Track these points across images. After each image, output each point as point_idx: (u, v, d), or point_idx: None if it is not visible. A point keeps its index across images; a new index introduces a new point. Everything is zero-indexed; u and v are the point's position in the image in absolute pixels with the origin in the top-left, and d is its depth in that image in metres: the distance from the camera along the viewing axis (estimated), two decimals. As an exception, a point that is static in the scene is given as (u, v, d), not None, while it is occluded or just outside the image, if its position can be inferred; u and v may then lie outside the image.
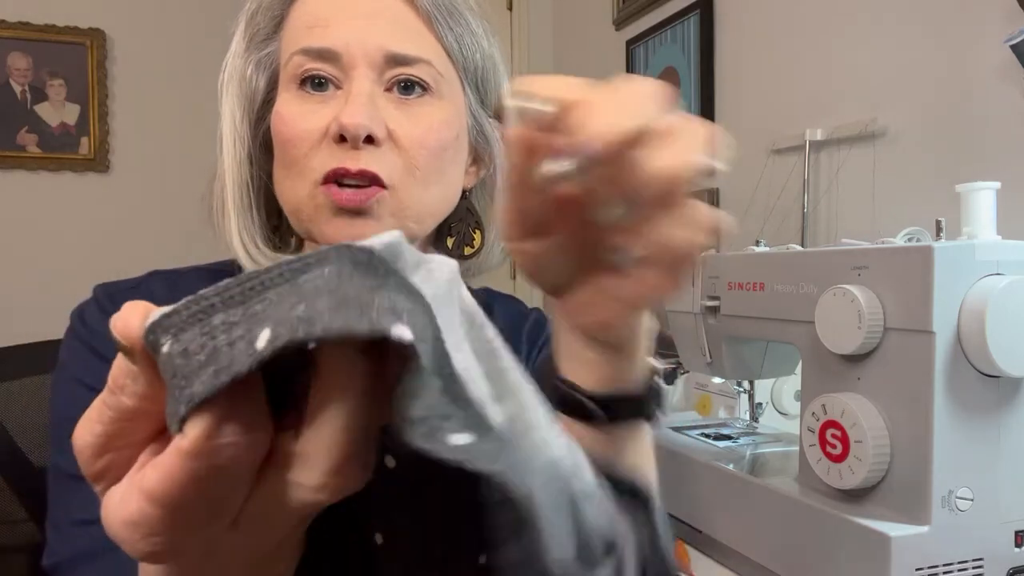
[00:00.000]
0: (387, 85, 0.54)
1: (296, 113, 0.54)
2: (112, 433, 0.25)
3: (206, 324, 0.22)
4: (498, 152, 0.63)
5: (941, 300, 0.62)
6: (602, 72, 1.15)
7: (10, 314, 2.41)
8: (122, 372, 0.24)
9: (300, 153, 0.53)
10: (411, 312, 0.22)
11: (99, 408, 0.25)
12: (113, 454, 0.25)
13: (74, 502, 0.51)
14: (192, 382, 0.22)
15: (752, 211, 1.51)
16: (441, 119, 0.56)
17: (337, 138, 0.52)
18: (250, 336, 0.21)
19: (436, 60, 0.55)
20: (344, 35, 0.53)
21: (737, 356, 0.91)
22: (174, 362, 0.22)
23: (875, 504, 0.67)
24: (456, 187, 0.60)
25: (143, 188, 2.67)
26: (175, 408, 0.22)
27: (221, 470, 0.23)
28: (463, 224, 0.64)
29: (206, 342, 0.22)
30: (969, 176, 0.75)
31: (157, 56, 2.68)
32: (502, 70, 0.63)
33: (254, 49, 0.58)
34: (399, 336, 0.21)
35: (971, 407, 0.64)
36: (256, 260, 0.58)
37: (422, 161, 0.54)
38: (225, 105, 0.59)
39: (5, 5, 2.50)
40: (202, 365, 0.22)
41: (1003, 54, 1.02)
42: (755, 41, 1.53)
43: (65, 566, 0.50)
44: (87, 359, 0.54)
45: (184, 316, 0.22)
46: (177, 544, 0.24)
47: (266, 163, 0.60)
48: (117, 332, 0.23)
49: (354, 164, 0.52)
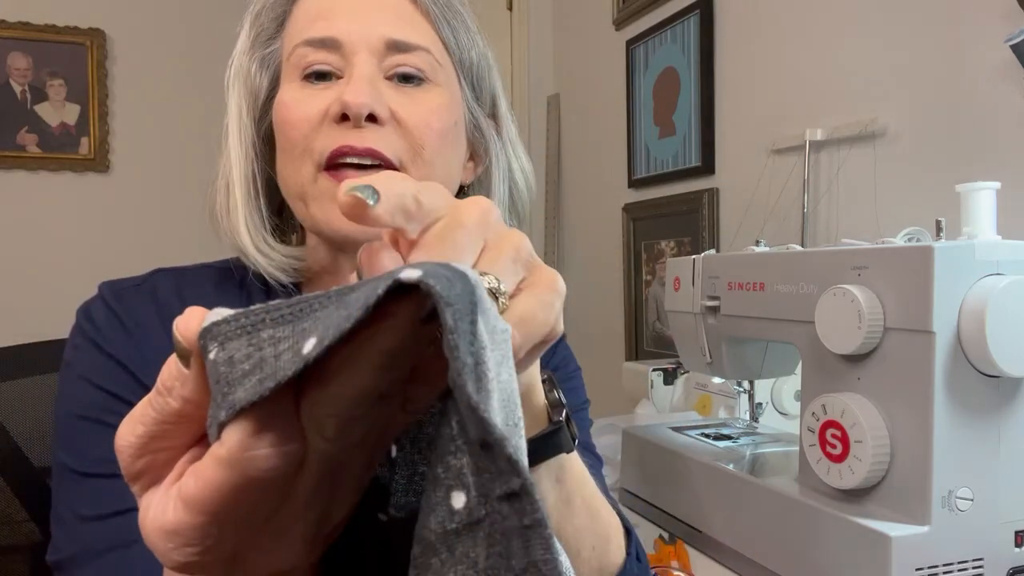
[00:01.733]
0: (387, 74, 0.55)
1: (298, 98, 0.55)
2: (154, 435, 0.25)
3: (254, 336, 0.23)
4: (494, 148, 0.63)
5: (941, 300, 0.62)
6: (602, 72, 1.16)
7: (10, 314, 2.41)
8: (171, 375, 0.24)
9: (301, 135, 0.54)
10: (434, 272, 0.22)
11: (143, 409, 0.25)
12: (152, 456, 0.25)
13: (80, 498, 0.51)
14: (235, 389, 0.22)
15: (752, 211, 1.51)
16: (441, 103, 0.56)
17: (339, 117, 0.52)
18: (296, 347, 0.22)
19: (434, 49, 0.56)
20: (345, 25, 0.54)
21: (737, 356, 0.91)
22: (219, 369, 0.22)
23: (875, 504, 0.67)
24: (456, 178, 0.60)
25: (143, 188, 2.67)
26: (216, 413, 0.22)
27: (256, 481, 0.23)
28: None
29: (252, 352, 0.22)
30: (969, 176, 0.75)
31: (157, 56, 2.68)
32: (496, 72, 0.63)
33: (258, 47, 0.59)
34: (407, 278, 0.21)
35: (971, 407, 0.64)
36: (263, 251, 0.58)
37: (428, 141, 0.55)
38: (232, 101, 0.59)
39: (5, 5, 2.50)
40: (246, 373, 0.22)
41: (1003, 54, 1.02)
42: (755, 41, 1.53)
43: (70, 562, 0.50)
44: (93, 356, 0.54)
45: (233, 326, 0.23)
46: (208, 556, 0.24)
47: (268, 159, 0.60)
48: (179, 333, 0.23)
49: (359, 142, 0.52)
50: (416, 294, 0.22)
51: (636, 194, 1.99)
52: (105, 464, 0.51)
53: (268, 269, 0.58)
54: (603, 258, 2.16)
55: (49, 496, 0.53)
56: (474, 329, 0.22)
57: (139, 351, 0.54)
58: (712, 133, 1.66)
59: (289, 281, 0.60)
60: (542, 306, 0.29)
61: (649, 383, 1.43)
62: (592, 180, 2.24)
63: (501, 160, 0.64)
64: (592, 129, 2.24)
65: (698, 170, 1.70)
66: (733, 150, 1.61)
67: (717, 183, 1.66)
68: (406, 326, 0.23)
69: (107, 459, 0.51)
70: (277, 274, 0.58)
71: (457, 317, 0.22)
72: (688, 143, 1.74)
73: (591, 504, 0.45)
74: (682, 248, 1.79)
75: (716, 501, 0.86)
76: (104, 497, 0.50)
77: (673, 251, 1.82)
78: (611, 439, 1.19)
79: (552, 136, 2.42)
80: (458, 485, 0.23)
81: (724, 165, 1.64)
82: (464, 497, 0.22)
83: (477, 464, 0.23)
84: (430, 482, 0.23)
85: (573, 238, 2.37)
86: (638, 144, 1.95)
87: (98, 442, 0.52)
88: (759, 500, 0.78)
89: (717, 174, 1.66)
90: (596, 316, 2.22)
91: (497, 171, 0.64)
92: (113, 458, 0.25)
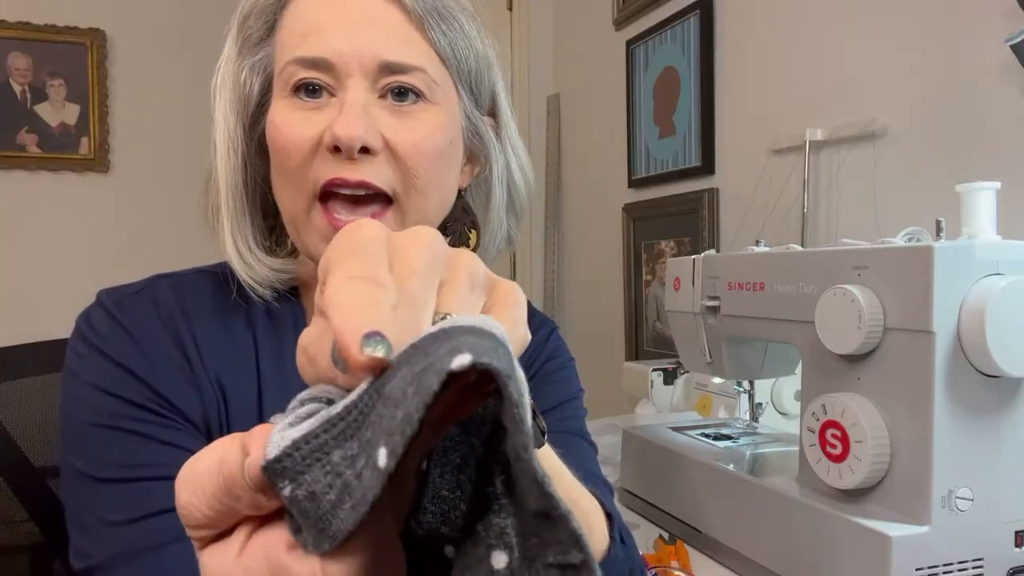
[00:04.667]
0: (381, 92, 0.54)
1: (290, 121, 0.54)
2: (219, 517, 0.25)
3: (326, 463, 0.22)
4: (493, 153, 0.63)
5: (941, 300, 0.62)
6: (602, 72, 1.16)
7: (10, 314, 2.42)
8: (241, 488, 0.24)
9: (295, 163, 0.54)
10: (476, 346, 0.22)
11: (213, 495, 0.24)
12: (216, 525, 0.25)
13: (104, 503, 0.51)
14: (331, 522, 0.22)
15: (752, 211, 1.51)
16: (436, 125, 0.55)
17: (332, 148, 0.52)
18: (372, 462, 0.22)
19: (430, 66, 0.55)
20: (337, 44, 0.52)
21: (737, 356, 0.91)
22: (303, 505, 0.22)
23: (875, 504, 0.67)
24: (452, 189, 0.60)
25: (143, 188, 2.67)
26: (318, 544, 0.22)
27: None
28: (459, 224, 0.64)
29: (333, 481, 0.22)
30: (969, 176, 0.75)
31: (157, 56, 2.68)
32: (496, 67, 0.62)
33: (247, 53, 0.58)
34: (460, 366, 0.21)
35: (971, 407, 0.64)
36: (248, 263, 0.58)
37: (421, 169, 0.54)
38: (218, 111, 0.58)
39: (5, 5, 2.50)
40: (335, 504, 0.22)
41: (1003, 54, 1.02)
42: (755, 41, 1.53)
43: (104, 567, 0.50)
44: (100, 364, 0.54)
45: (298, 459, 0.23)
46: None
47: (262, 166, 0.60)
48: (251, 479, 0.23)
49: (352, 175, 0.52)
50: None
51: (636, 194, 1.99)
52: (127, 468, 0.51)
53: (250, 283, 0.58)
54: (603, 258, 2.16)
55: (49, 496, 0.53)
56: (522, 390, 0.22)
57: (146, 358, 0.54)
58: (712, 133, 1.66)
59: (282, 289, 0.60)
60: (514, 324, 0.28)
61: (649, 383, 1.43)
62: (592, 180, 2.24)
63: (500, 162, 0.64)
64: (592, 129, 2.24)
65: (698, 170, 1.70)
66: (733, 150, 1.61)
67: (717, 183, 1.66)
68: (456, 396, 0.24)
69: (128, 463, 0.51)
70: (258, 288, 0.58)
71: (520, 391, 0.22)
72: (688, 143, 1.74)
73: (569, 495, 0.45)
74: (682, 248, 1.79)
75: (716, 501, 0.86)
76: (131, 501, 0.51)
77: (673, 251, 1.82)
78: (611, 439, 1.19)
79: (552, 136, 2.42)
80: (500, 545, 0.23)
81: (724, 165, 1.64)
82: (506, 558, 0.23)
83: (524, 527, 0.23)
84: (467, 535, 0.24)
85: (573, 238, 2.37)
86: (638, 144, 1.95)
87: (117, 448, 0.52)
88: (759, 500, 0.78)
89: (717, 174, 1.66)
90: (596, 316, 2.22)
91: (496, 175, 0.64)
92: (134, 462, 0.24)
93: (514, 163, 0.65)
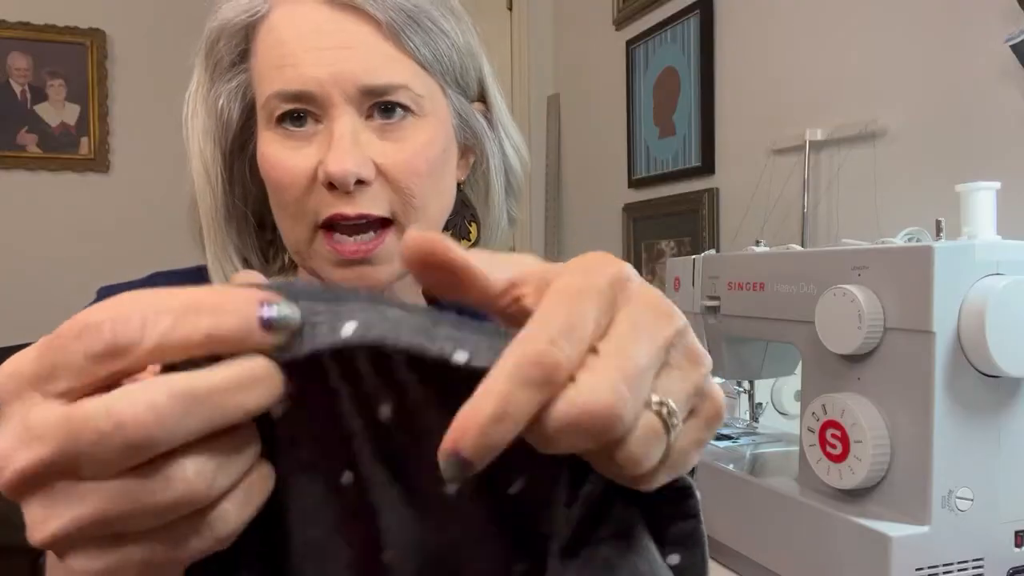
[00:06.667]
0: (367, 113, 0.53)
1: (281, 157, 0.53)
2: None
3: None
4: (488, 145, 0.63)
5: (941, 300, 0.62)
6: (602, 72, 1.15)
7: (10, 314, 2.41)
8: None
9: (292, 197, 0.54)
10: (472, 341, 0.23)
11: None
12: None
13: None
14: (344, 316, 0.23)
15: (752, 211, 1.51)
16: (426, 140, 0.55)
17: (327, 184, 0.52)
18: (333, 324, 0.23)
19: (412, 80, 0.54)
20: (315, 72, 0.51)
21: (737, 356, 0.91)
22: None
23: (875, 504, 0.67)
24: (451, 191, 0.60)
25: (143, 188, 2.67)
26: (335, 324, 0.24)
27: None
28: (459, 217, 0.64)
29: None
30: (969, 176, 0.75)
31: (157, 56, 2.68)
32: (478, 51, 0.60)
33: (220, 79, 0.57)
34: (458, 361, 0.22)
35: (971, 407, 0.64)
36: None
37: (416, 188, 0.54)
38: (192, 142, 0.58)
39: (5, 5, 2.50)
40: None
41: (1003, 54, 1.02)
42: (755, 41, 1.53)
43: None
44: None
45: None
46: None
47: (253, 185, 0.59)
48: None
49: (351, 209, 0.52)
50: None
51: (636, 194, 1.99)
52: None
53: None
54: (603, 258, 2.16)
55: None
56: None
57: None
58: (712, 133, 1.66)
59: None
60: (698, 448, 0.25)
61: (649, 383, 1.43)
62: (592, 180, 2.24)
63: (495, 153, 0.63)
64: (592, 129, 2.24)
65: (698, 170, 1.70)
66: (733, 150, 1.61)
67: (717, 183, 1.66)
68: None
69: None
70: None
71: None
72: (688, 143, 1.74)
73: None
74: (682, 248, 1.79)
75: (716, 501, 0.86)
76: None
77: (673, 251, 1.82)
78: (611, 439, 1.19)
79: (552, 136, 2.42)
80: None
81: (724, 165, 1.64)
82: None
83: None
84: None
85: (573, 238, 2.37)
86: (638, 144, 1.95)
87: None
88: (759, 500, 0.78)
89: (717, 174, 1.66)
90: (596, 316, 2.21)
91: (492, 168, 0.63)
92: None
93: (508, 146, 0.64)
